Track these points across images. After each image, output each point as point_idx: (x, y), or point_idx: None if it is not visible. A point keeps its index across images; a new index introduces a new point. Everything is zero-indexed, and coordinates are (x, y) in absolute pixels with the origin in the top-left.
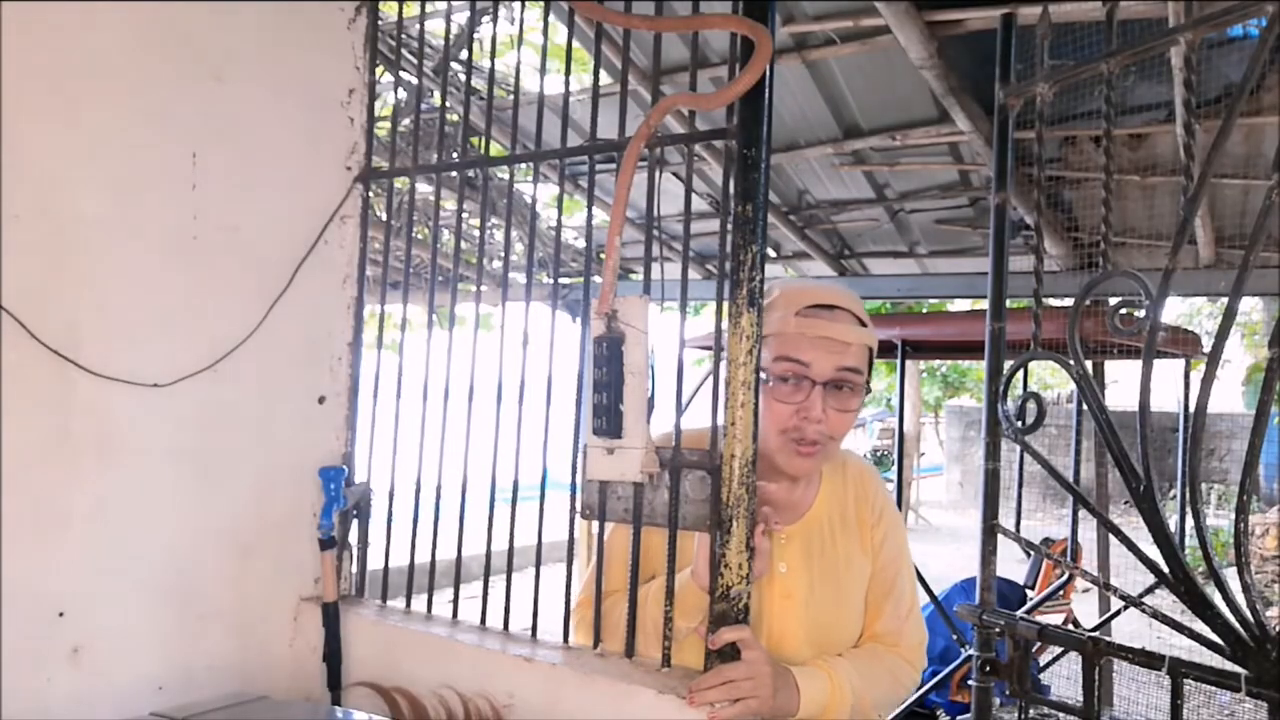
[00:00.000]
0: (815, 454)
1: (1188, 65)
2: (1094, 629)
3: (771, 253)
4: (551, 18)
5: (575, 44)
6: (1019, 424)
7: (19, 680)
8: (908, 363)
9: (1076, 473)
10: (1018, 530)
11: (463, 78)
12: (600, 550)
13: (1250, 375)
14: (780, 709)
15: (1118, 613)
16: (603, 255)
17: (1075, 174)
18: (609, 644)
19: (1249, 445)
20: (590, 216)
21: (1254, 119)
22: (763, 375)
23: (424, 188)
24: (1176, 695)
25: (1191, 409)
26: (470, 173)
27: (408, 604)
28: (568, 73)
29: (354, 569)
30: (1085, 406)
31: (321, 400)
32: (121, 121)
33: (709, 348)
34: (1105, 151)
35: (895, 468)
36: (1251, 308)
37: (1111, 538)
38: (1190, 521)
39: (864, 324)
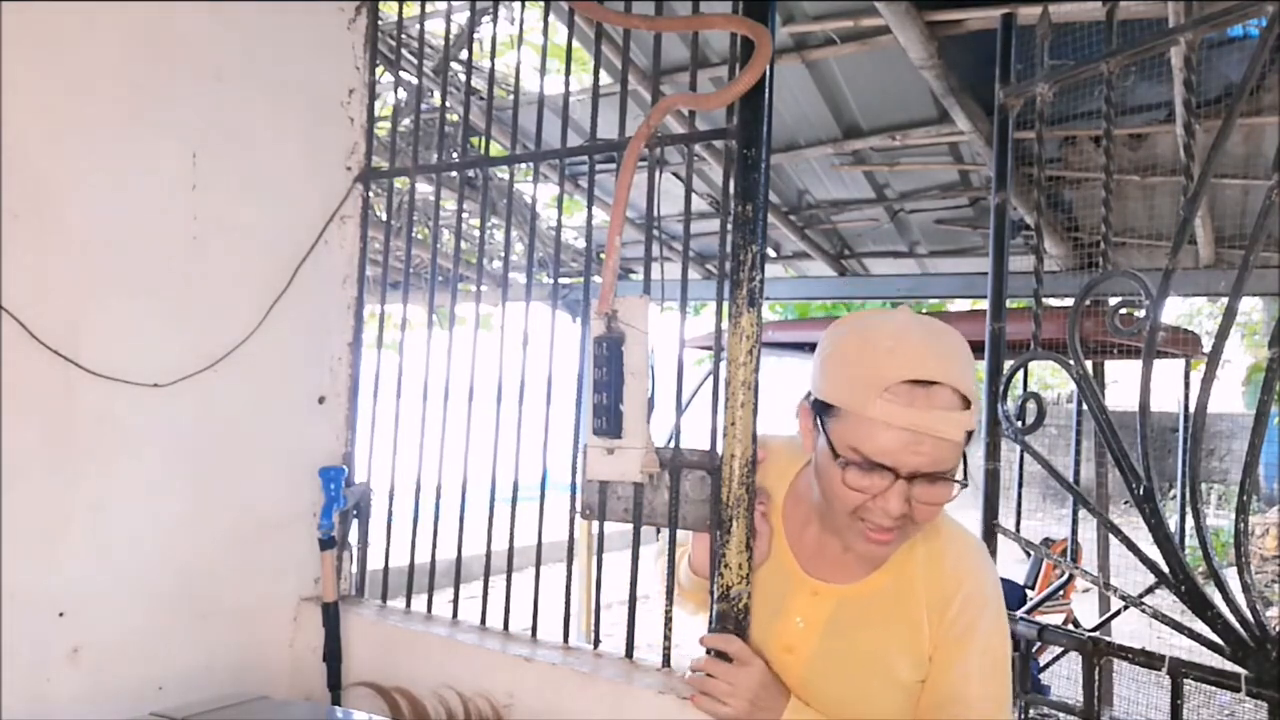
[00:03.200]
0: (892, 541)
1: (1188, 65)
2: (1094, 629)
3: (771, 253)
4: (551, 18)
5: (575, 44)
6: (1019, 424)
7: (19, 680)
8: None
9: (1076, 473)
10: (1018, 530)
11: (463, 78)
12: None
13: (1250, 375)
14: None
15: (1118, 613)
16: (603, 255)
17: (1075, 174)
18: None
19: (1249, 445)
20: (590, 216)
21: (1254, 119)
22: (831, 447)
23: (424, 188)
24: (1176, 695)
25: (1191, 409)
26: (470, 173)
27: (408, 604)
28: (568, 73)
29: (354, 569)
30: (1085, 406)
31: (321, 400)
32: (121, 121)
33: (709, 348)
34: (1105, 151)
35: None
36: (1251, 308)
37: (1111, 538)
38: (1190, 521)
39: (968, 402)
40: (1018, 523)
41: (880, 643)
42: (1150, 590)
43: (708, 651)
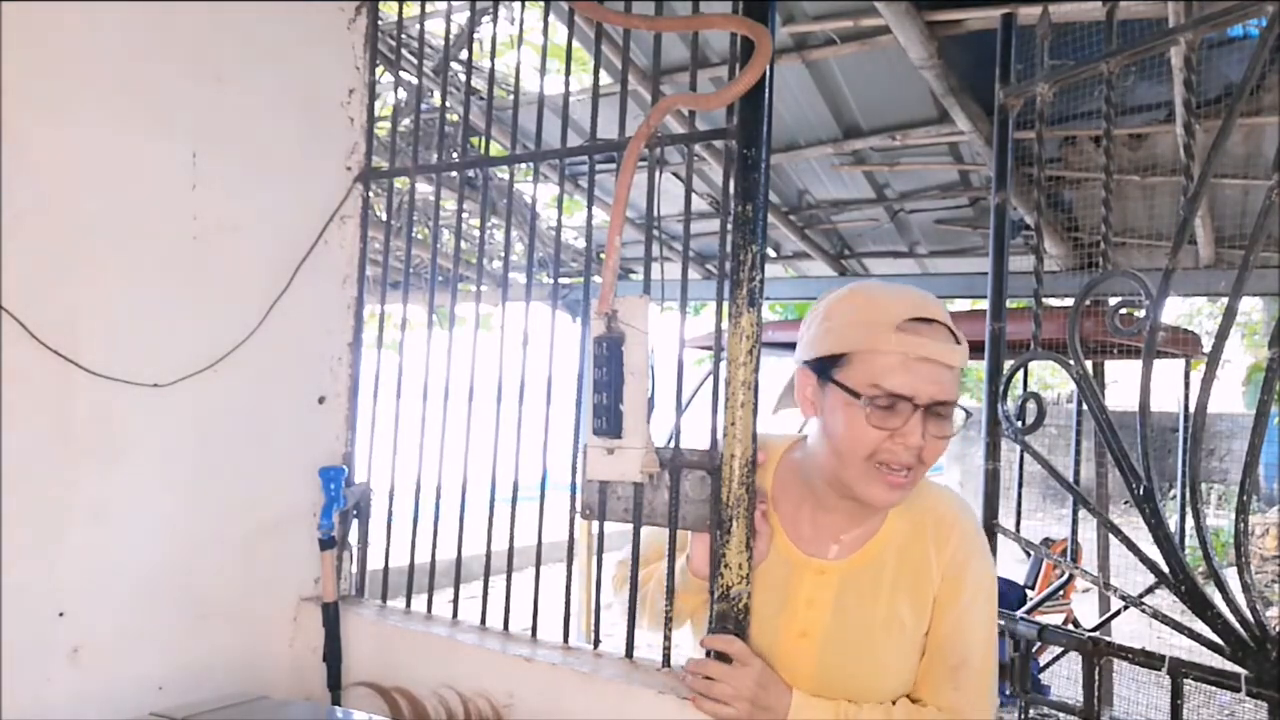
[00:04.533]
0: (906, 485)
1: (1188, 65)
2: (1094, 629)
3: (771, 253)
4: (551, 18)
5: (575, 44)
6: (1019, 424)
7: (19, 680)
8: None
9: (1076, 473)
10: (1018, 530)
11: (463, 78)
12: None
13: (1250, 375)
14: None
15: (1118, 613)
16: (603, 255)
17: (1075, 174)
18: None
19: (1249, 445)
20: (590, 216)
21: (1254, 119)
22: (848, 392)
23: (424, 188)
24: (1176, 695)
25: (1191, 409)
26: (470, 173)
27: (408, 604)
28: (568, 73)
29: (354, 569)
30: (1085, 406)
31: (321, 400)
32: (121, 121)
33: (709, 348)
34: (1105, 151)
35: None
36: (1251, 308)
37: (1111, 538)
38: (1190, 521)
39: (958, 339)
40: (1018, 523)
41: (893, 607)
42: (1150, 590)
43: (708, 653)
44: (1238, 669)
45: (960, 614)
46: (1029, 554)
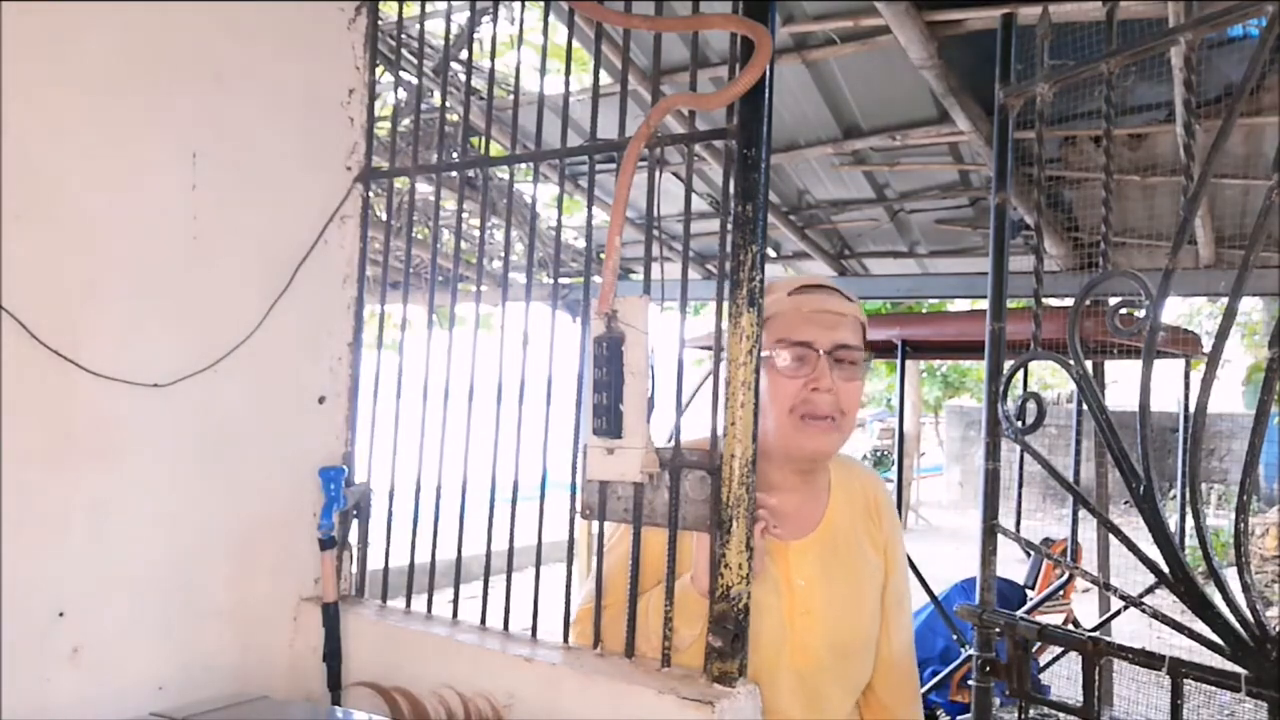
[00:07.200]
0: (833, 431)
1: (1188, 65)
2: (1094, 629)
3: (771, 253)
4: (551, 18)
5: (575, 44)
6: (1019, 424)
7: (19, 680)
8: (908, 363)
9: (1076, 473)
10: (1018, 530)
11: (463, 78)
12: (600, 561)
13: (1250, 375)
14: None
15: (1118, 613)
16: (603, 255)
17: (1075, 174)
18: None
19: (1249, 445)
20: (590, 216)
21: (1254, 119)
22: (765, 357)
23: (424, 188)
24: (1176, 695)
25: (1191, 409)
26: (470, 173)
27: (408, 604)
28: (568, 73)
29: (354, 569)
30: (1085, 406)
31: (321, 400)
32: (121, 121)
33: (709, 348)
34: (1105, 151)
35: (895, 468)
36: (1251, 308)
37: (1111, 538)
38: (1190, 521)
39: (850, 300)
40: (1018, 523)
41: (862, 561)
42: (1150, 590)
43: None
44: (1238, 669)
45: (898, 557)
46: (1029, 554)
